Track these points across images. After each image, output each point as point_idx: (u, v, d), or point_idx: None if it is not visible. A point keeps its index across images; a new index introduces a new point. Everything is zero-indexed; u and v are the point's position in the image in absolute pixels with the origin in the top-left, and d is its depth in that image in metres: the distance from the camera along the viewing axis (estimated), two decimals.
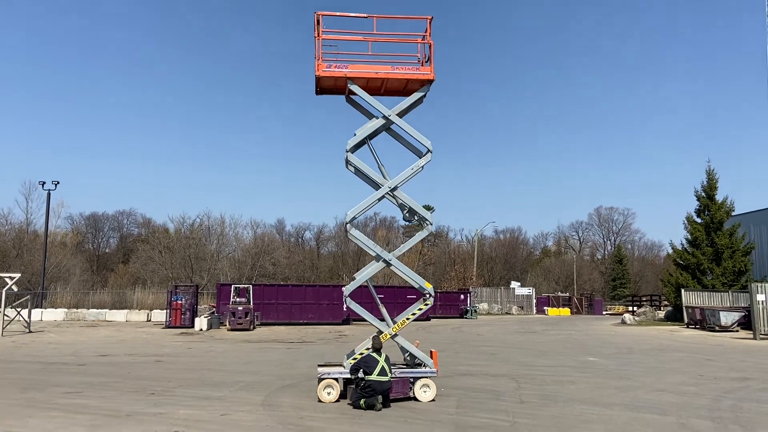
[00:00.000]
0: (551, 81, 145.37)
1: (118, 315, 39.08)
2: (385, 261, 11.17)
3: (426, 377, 10.65)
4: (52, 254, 52.02)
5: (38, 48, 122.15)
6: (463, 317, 46.28)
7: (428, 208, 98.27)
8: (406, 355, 11.19)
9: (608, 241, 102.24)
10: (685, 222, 42.22)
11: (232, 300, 32.08)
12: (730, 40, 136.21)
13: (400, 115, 11.38)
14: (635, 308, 54.44)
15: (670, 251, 45.00)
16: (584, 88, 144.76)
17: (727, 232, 40.27)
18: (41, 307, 40.44)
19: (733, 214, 42.09)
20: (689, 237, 41.92)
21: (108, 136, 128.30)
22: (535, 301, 62.20)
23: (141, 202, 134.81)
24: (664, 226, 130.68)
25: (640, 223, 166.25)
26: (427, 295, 11.20)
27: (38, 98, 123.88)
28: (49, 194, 45.28)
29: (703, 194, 41.85)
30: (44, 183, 45.28)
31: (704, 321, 32.43)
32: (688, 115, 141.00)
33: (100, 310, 40.40)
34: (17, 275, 28.13)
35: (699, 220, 41.80)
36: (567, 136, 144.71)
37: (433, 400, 10.49)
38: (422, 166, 11.27)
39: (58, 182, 45.34)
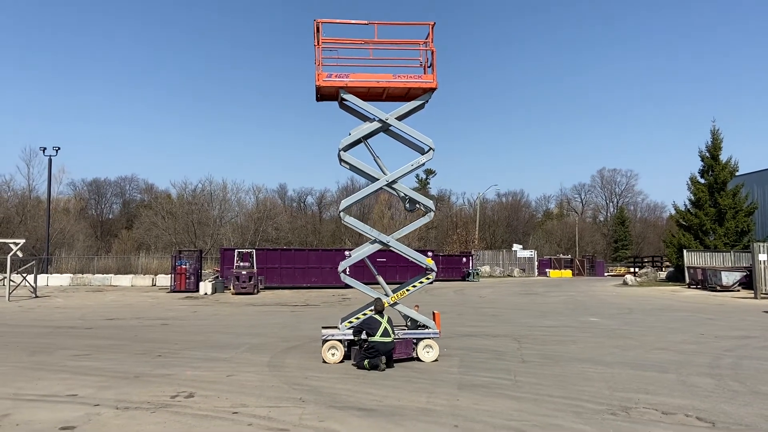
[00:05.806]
0: (554, 43, 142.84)
1: (123, 280, 39.47)
2: (383, 243, 11.15)
3: (429, 338, 10.76)
4: (55, 220, 52.24)
5: (38, 13, 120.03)
6: (465, 280, 46.56)
7: (430, 172, 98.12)
8: (408, 320, 11.26)
9: (611, 203, 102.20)
10: (689, 183, 42.06)
11: (235, 264, 32.29)
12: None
13: (400, 118, 11.13)
14: (637, 269, 54.71)
15: (673, 212, 45.00)
16: (587, 49, 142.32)
17: (731, 193, 40.11)
18: (47, 273, 40.84)
19: (737, 174, 41.83)
20: (692, 198, 41.79)
21: (108, 102, 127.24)
22: (537, 263, 62.45)
23: (143, 167, 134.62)
24: (666, 188, 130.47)
25: (643, 185, 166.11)
26: (429, 271, 11.27)
27: (38, 63, 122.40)
28: (50, 160, 45.22)
29: (707, 154, 41.52)
30: (45, 149, 45.19)
31: (706, 281, 32.60)
32: (693, 75, 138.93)
33: (105, 275, 40.79)
34: (21, 241, 28.31)
35: (702, 181, 41.61)
36: (570, 98, 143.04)
37: (435, 360, 10.61)
38: (423, 163, 11.16)
39: (59, 148, 45.30)
